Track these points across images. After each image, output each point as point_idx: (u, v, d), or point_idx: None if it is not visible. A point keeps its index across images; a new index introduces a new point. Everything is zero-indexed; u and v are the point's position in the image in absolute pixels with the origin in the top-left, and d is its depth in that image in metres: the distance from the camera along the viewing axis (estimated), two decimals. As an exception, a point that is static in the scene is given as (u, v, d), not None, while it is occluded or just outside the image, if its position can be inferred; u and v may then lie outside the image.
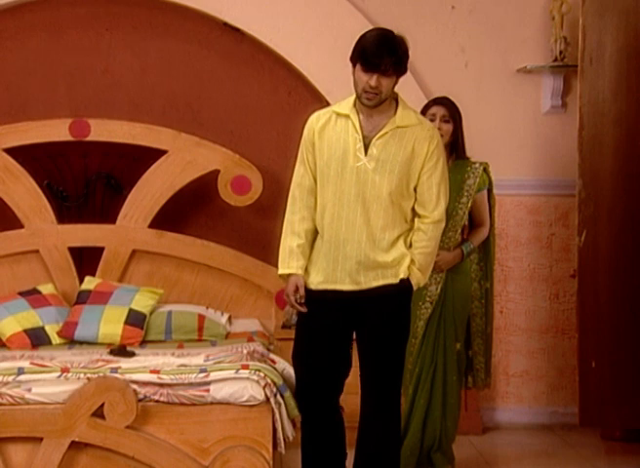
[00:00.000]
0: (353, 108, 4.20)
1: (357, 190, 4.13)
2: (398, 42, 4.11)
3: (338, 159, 4.16)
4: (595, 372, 5.72)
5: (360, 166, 4.14)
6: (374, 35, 4.13)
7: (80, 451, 4.27)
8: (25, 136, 5.96)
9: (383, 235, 4.16)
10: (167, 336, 5.62)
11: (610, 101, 5.71)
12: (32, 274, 5.96)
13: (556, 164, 6.37)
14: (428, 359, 5.06)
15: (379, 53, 4.03)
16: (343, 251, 4.16)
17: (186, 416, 4.29)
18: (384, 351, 4.25)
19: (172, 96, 6.30)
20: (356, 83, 4.12)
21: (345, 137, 4.17)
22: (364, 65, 4.05)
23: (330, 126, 4.21)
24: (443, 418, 5.08)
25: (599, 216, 5.72)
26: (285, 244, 4.30)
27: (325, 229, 4.21)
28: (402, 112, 4.19)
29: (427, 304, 5.05)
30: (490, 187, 5.22)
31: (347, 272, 4.18)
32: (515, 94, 6.38)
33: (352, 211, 4.14)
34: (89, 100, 6.23)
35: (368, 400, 4.31)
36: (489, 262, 5.26)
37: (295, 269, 4.25)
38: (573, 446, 5.98)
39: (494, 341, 5.46)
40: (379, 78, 4.05)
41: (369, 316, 4.23)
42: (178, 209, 6.10)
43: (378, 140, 4.15)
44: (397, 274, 4.20)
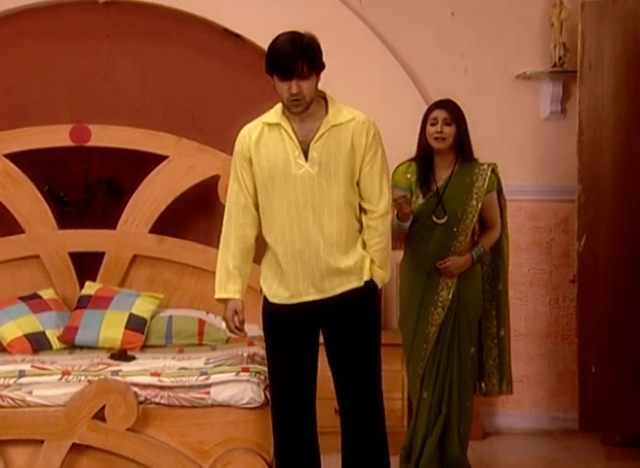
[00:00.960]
0: (283, 116, 4.10)
1: (305, 198, 4.05)
2: (307, 42, 4.01)
3: (279, 170, 4.06)
4: (595, 377, 5.73)
5: (303, 173, 4.05)
6: (281, 42, 4.02)
7: (81, 454, 4.28)
8: (26, 141, 5.97)
9: (340, 237, 4.08)
10: (167, 341, 5.62)
11: (609, 107, 5.74)
12: (33, 279, 5.96)
13: (556, 169, 6.38)
14: (443, 365, 5.04)
15: (290, 59, 3.94)
16: (302, 261, 4.07)
17: (187, 419, 4.30)
18: (359, 355, 4.15)
19: (172, 101, 6.32)
20: (279, 93, 4.04)
21: (282, 147, 4.08)
22: (279, 75, 3.99)
23: (263, 138, 4.12)
24: (459, 424, 5.08)
25: (599, 222, 5.75)
26: (221, 265, 4.21)
27: (278, 243, 4.11)
28: (333, 110, 4.11)
29: (439, 310, 5.03)
30: (499, 188, 5.20)
31: (310, 282, 4.09)
32: (515, 99, 6.41)
33: (303, 220, 4.05)
34: (89, 106, 6.25)
35: (348, 407, 4.19)
36: (502, 263, 5.21)
37: (232, 294, 4.17)
38: (573, 451, 5.98)
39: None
40: (297, 83, 3.96)
41: (338, 322, 4.14)
42: (178, 214, 6.10)
43: (316, 143, 4.06)
44: (361, 277, 4.12)
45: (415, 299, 5.08)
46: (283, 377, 4.14)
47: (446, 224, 5.02)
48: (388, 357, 5.69)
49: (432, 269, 5.04)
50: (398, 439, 5.71)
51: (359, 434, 4.18)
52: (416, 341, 5.07)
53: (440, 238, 5.03)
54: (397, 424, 5.80)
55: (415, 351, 5.08)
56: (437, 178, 5.08)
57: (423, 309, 5.05)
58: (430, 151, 5.08)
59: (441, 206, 5.03)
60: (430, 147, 5.07)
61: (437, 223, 5.03)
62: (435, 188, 5.06)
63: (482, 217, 5.12)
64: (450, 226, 5.02)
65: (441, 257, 5.02)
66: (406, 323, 5.14)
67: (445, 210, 5.02)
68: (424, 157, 5.10)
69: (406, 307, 5.14)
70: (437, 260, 5.02)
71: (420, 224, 5.05)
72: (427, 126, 5.08)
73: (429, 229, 5.04)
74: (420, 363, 5.07)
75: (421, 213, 5.04)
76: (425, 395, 5.06)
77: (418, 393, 5.09)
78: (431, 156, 5.10)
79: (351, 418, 4.17)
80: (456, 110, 5.11)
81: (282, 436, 4.16)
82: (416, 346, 5.07)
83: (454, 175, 5.07)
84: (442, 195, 5.03)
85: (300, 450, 4.17)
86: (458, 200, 5.03)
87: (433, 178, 5.08)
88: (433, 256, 5.03)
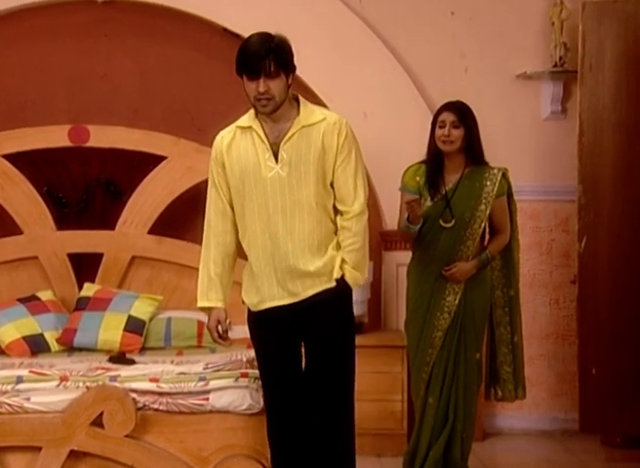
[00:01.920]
0: (255, 119, 4.09)
1: (275, 201, 4.02)
2: (276, 42, 3.98)
3: (249, 173, 4.04)
4: (595, 379, 5.71)
5: (273, 175, 4.02)
6: (249, 41, 4.02)
7: (79, 460, 4.25)
8: (24, 141, 5.95)
9: (312, 240, 4.04)
10: (166, 343, 5.62)
11: (610, 108, 5.71)
12: (31, 280, 5.94)
13: (556, 169, 6.36)
14: (450, 371, 5.00)
15: (257, 56, 3.93)
16: (273, 265, 4.04)
17: (186, 425, 4.28)
18: (330, 357, 4.09)
19: (171, 101, 6.29)
20: (247, 94, 4.02)
21: (253, 150, 4.05)
22: (247, 73, 3.97)
23: (235, 142, 4.10)
24: (462, 430, 5.05)
25: (599, 223, 5.72)
26: (203, 273, 4.20)
27: (251, 248, 4.09)
28: (305, 111, 4.08)
29: (446, 315, 4.99)
30: (510, 192, 5.14)
31: (282, 286, 4.06)
32: (515, 99, 6.38)
33: (273, 223, 4.02)
34: (88, 106, 6.22)
35: (319, 407, 4.11)
36: (512, 269, 5.15)
37: (215, 302, 4.16)
38: (573, 452, 5.96)
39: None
40: (265, 82, 3.94)
41: (310, 324, 4.09)
42: (177, 215, 6.07)
43: (285, 144, 4.02)
44: (331, 277, 4.07)
45: (421, 303, 5.05)
46: (270, 384, 4.13)
47: (453, 228, 4.98)
48: (388, 358, 5.78)
49: (439, 273, 5.00)
50: (398, 441, 5.77)
51: (326, 434, 4.11)
52: (421, 345, 5.04)
53: (448, 242, 4.99)
54: (397, 426, 5.82)
55: (419, 355, 5.05)
56: (446, 182, 5.04)
57: (430, 313, 5.00)
58: (440, 154, 5.03)
59: (449, 209, 4.98)
60: (439, 150, 5.02)
61: (444, 227, 4.99)
62: (444, 191, 5.01)
63: (491, 222, 5.06)
64: (457, 230, 4.98)
65: (448, 261, 4.98)
66: (411, 326, 5.11)
67: (453, 214, 4.97)
68: (434, 160, 5.05)
69: (412, 310, 5.11)
70: (444, 264, 4.98)
71: (428, 228, 5.00)
72: (436, 128, 5.03)
73: (437, 233, 5.00)
74: (424, 367, 5.03)
75: (429, 216, 5.00)
76: (431, 400, 5.02)
77: (422, 398, 5.05)
78: (441, 159, 5.04)
79: (321, 419, 4.11)
80: (465, 112, 5.05)
81: (275, 442, 4.14)
82: (420, 350, 5.04)
83: (463, 178, 5.03)
84: (450, 199, 4.99)
85: (293, 456, 4.13)
86: (466, 204, 4.98)
87: (442, 181, 5.04)
88: (440, 260, 4.99)
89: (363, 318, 6.02)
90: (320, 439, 4.11)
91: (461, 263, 4.96)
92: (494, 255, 5.06)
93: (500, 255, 5.13)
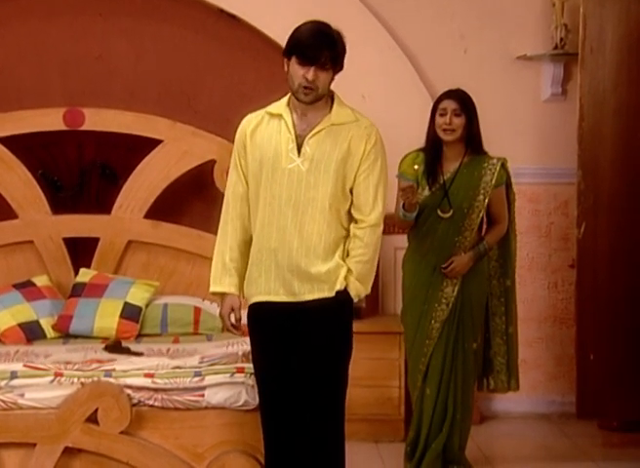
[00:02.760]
0: (287, 107, 3.98)
1: (289, 194, 3.91)
2: (336, 36, 3.89)
3: (269, 161, 3.93)
4: (593, 365, 5.70)
5: (293, 167, 3.91)
6: (310, 27, 3.90)
7: (74, 457, 4.23)
8: (19, 125, 5.88)
9: (319, 241, 3.93)
10: (163, 330, 5.59)
11: (610, 92, 5.66)
12: (27, 265, 5.90)
13: (556, 152, 6.30)
14: (448, 362, 4.98)
15: (316, 45, 3.82)
16: (275, 260, 3.94)
17: (181, 421, 4.25)
18: (323, 368, 3.98)
19: (167, 83, 6.22)
20: (291, 77, 3.89)
21: (277, 138, 3.95)
22: (300, 58, 3.84)
23: (262, 127, 4.01)
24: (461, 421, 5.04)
25: (599, 208, 5.68)
26: (217, 258, 4.07)
27: (257, 237, 3.99)
28: (338, 109, 3.97)
29: (443, 306, 4.95)
30: (509, 182, 5.09)
31: (281, 282, 3.95)
32: (515, 81, 6.31)
33: (283, 216, 3.92)
34: (83, 88, 6.15)
35: (309, 413, 4.02)
36: (509, 259, 5.11)
37: (227, 287, 4.03)
38: (570, 436, 5.96)
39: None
40: (316, 71, 3.83)
41: (306, 332, 3.97)
42: (173, 199, 6.04)
43: (311, 139, 3.92)
44: (333, 287, 3.95)
45: (418, 294, 5.01)
46: (263, 379, 4.06)
47: (451, 219, 4.93)
48: (386, 345, 5.76)
49: (437, 264, 4.96)
50: (395, 426, 5.78)
51: (315, 444, 4.03)
52: (418, 336, 5.01)
53: (445, 232, 4.94)
54: (394, 412, 5.81)
55: (416, 346, 5.02)
56: (445, 171, 4.98)
57: (427, 304, 4.97)
58: (438, 142, 4.97)
59: (447, 199, 4.94)
60: (439, 138, 4.96)
61: (442, 217, 4.94)
62: (442, 181, 4.97)
63: (488, 212, 5.01)
64: (455, 221, 4.94)
65: (446, 252, 4.94)
66: (408, 316, 5.09)
67: (450, 204, 4.93)
68: (432, 148, 4.99)
69: (408, 300, 5.08)
70: (442, 255, 4.94)
71: (425, 217, 4.96)
72: (436, 116, 4.96)
73: (434, 223, 4.96)
74: (421, 358, 5.00)
75: (427, 205, 4.95)
76: (429, 391, 5.00)
77: (419, 389, 5.04)
78: (439, 147, 4.99)
79: (310, 424, 4.02)
80: (466, 100, 4.99)
81: (269, 438, 4.07)
82: (417, 341, 5.01)
83: (462, 167, 4.97)
84: (448, 189, 4.94)
85: (287, 453, 4.06)
86: (464, 194, 4.93)
87: (441, 170, 4.98)
88: (438, 250, 4.95)
89: (361, 303, 5.97)
90: (310, 446, 4.05)
91: (458, 257, 4.92)
92: (491, 246, 5.02)
93: (497, 246, 5.09)
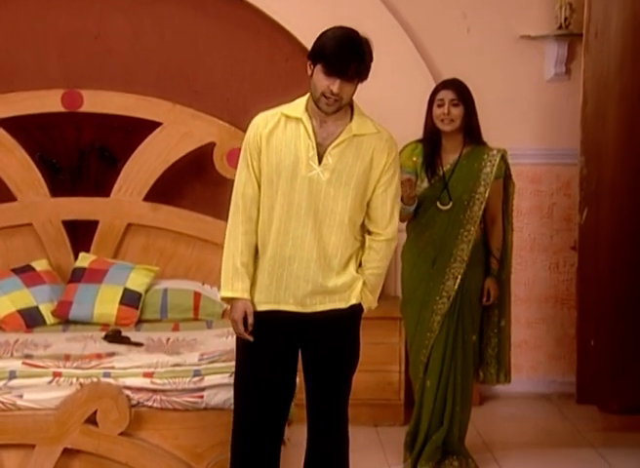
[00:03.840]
0: (305, 112, 3.85)
1: (309, 203, 3.81)
2: (364, 46, 3.78)
3: (288, 167, 3.81)
4: (594, 351, 5.69)
5: (313, 176, 3.80)
6: (339, 36, 3.75)
7: (73, 457, 4.24)
8: (17, 106, 5.83)
9: (336, 253, 3.86)
10: (162, 315, 5.58)
11: (614, 76, 5.60)
12: (26, 247, 5.88)
13: (559, 132, 6.25)
14: (449, 354, 4.97)
15: (345, 57, 3.71)
16: (289, 269, 3.85)
17: (180, 422, 4.25)
18: (331, 379, 3.99)
19: (166, 62, 6.15)
20: (315, 85, 3.77)
21: (297, 144, 3.82)
22: (327, 68, 3.71)
23: (279, 130, 3.86)
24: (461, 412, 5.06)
25: (601, 194, 5.65)
26: (228, 262, 3.93)
27: (270, 244, 3.87)
28: (358, 120, 3.88)
29: (444, 300, 4.94)
30: (508, 174, 5.05)
31: (292, 292, 3.87)
32: (518, 61, 6.24)
33: (302, 225, 3.82)
34: (81, 68, 6.07)
35: (314, 427, 4.04)
36: (505, 252, 5.09)
37: (240, 292, 3.90)
38: (570, 419, 5.98)
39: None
40: (342, 84, 3.73)
41: (315, 342, 3.95)
42: (173, 182, 5.99)
43: (334, 149, 3.82)
44: (347, 299, 3.91)
45: (419, 286, 5.00)
46: (253, 387, 3.95)
47: (451, 211, 4.90)
48: (386, 329, 5.76)
49: (437, 256, 4.94)
50: (395, 411, 5.81)
51: (322, 457, 4.05)
52: (419, 328, 5.01)
53: (445, 225, 4.91)
54: (394, 397, 5.82)
55: (417, 338, 5.02)
56: (444, 162, 4.94)
57: (427, 297, 4.96)
58: (437, 133, 4.92)
59: (447, 191, 4.90)
60: (437, 129, 4.91)
61: (441, 210, 4.91)
62: (441, 172, 4.92)
63: (486, 206, 4.96)
64: (455, 213, 4.90)
65: (446, 245, 4.91)
66: (408, 309, 5.08)
67: (450, 196, 4.89)
68: (431, 139, 4.94)
69: (408, 292, 5.07)
70: (442, 247, 4.92)
71: (424, 210, 4.93)
72: (434, 107, 4.90)
73: (433, 215, 4.93)
74: (423, 350, 5.00)
75: (426, 197, 4.92)
76: (429, 383, 5.01)
77: (420, 380, 5.05)
78: (438, 138, 4.94)
79: (318, 441, 4.04)
80: (463, 90, 4.93)
81: (241, 447, 4.01)
82: (418, 333, 5.01)
83: (461, 158, 4.93)
84: (448, 181, 4.90)
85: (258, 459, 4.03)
86: (464, 186, 4.90)
87: (440, 162, 4.94)
88: (438, 243, 4.93)
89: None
90: (316, 455, 4.07)
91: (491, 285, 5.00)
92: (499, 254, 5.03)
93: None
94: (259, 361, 3.95)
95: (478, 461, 5.18)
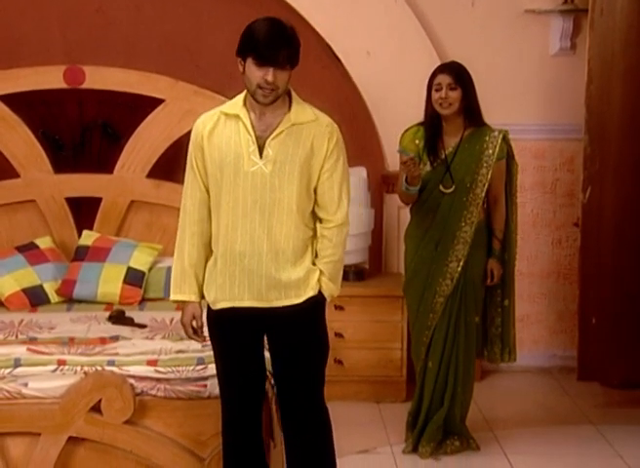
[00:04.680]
0: (243, 107, 3.84)
1: (254, 197, 3.80)
2: (291, 32, 3.75)
3: (229, 164, 3.80)
4: (595, 330, 5.72)
5: (255, 170, 3.80)
6: (265, 26, 3.75)
7: (78, 445, 4.25)
8: (19, 83, 5.81)
9: (288, 244, 3.84)
10: (166, 294, 5.52)
11: (620, 55, 5.58)
12: (30, 224, 5.89)
13: (563, 107, 6.22)
14: (451, 335, 5.00)
15: (275, 45, 3.68)
16: (241, 264, 3.83)
17: (184, 410, 4.26)
18: (299, 374, 3.95)
19: (168, 36, 6.11)
20: (248, 79, 3.75)
21: (237, 140, 3.82)
22: (258, 59, 3.70)
23: (219, 128, 3.86)
24: (462, 393, 5.10)
25: (605, 173, 5.65)
26: (177, 264, 3.96)
27: (220, 242, 3.86)
28: (297, 108, 3.84)
29: (448, 281, 4.96)
30: (510, 154, 5.05)
31: (246, 287, 3.85)
32: (523, 35, 6.20)
33: (250, 220, 3.81)
34: (82, 42, 6.04)
35: (289, 427, 4.03)
36: (509, 233, 5.10)
37: (188, 295, 3.94)
38: (571, 395, 6.02)
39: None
40: (275, 72, 3.69)
41: (278, 338, 3.95)
42: (176, 159, 5.91)
43: (273, 140, 3.80)
44: (303, 293, 3.88)
45: (421, 268, 5.02)
46: (228, 384, 3.99)
47: (454, 194, 4.91)
48: (388, 308, 5.79)
49: (440, 239, 4.95)
50: (397, 387, 5.86)
51: (304, 453, 4.04)
52: (421, 309, 5.03)
53: (448, 207, 4.92)
54: (396, 374, 5.85)
55: (420, 319, 5.05)
56: (445, 145, 4.94)
57: (431, 279, 4.98)
58: (437, 117, 4.92)
59: (449, 175, 4.90)
60: (437, 113, 4.91)
61: (444, 193, 4.91)
62: (443, 156, 4.92)
63: (488, 187, 4.97)
64: (459, 196, 4.91)
65: (450, 227, 4.93)
66: (411, 290, 5.10)
67: (453, 179, 4.89)
68: (431, 123, 4.94)
69: (411, 274, 5.09)
70: (446, 229, 4.94)
71: (428, 193, 4.94)
72: (432, 92, 4.90)
73: (437, 198, 4.94)
74: (425, 331, 5.04)
75: (429, 181, 4.93)
76: (431, 364, 5.05)
77: (422, 361, 5.08)
78: (439, 122, 4.94)
79: (295, 437, 4.04)
80: (461, 73, 4.92)
81: (229, 438, 4.06)
82: (421, 314, 5.04)
83: (463, 141, 4.93)
84: (450, 164, 4.90)
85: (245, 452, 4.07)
86: (467, 168, 4.90)
87: (442, 146, 4.94)
88: (441, 226, 4.94)
89: (364, 264, 6.00)
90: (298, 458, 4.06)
91: (494, 266, 5.02)
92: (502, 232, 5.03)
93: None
94: (226, 356, 3.97)
95: (479, 440, 5.23)
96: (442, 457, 5.11)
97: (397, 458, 5.10)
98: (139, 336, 4.80)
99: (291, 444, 4.06)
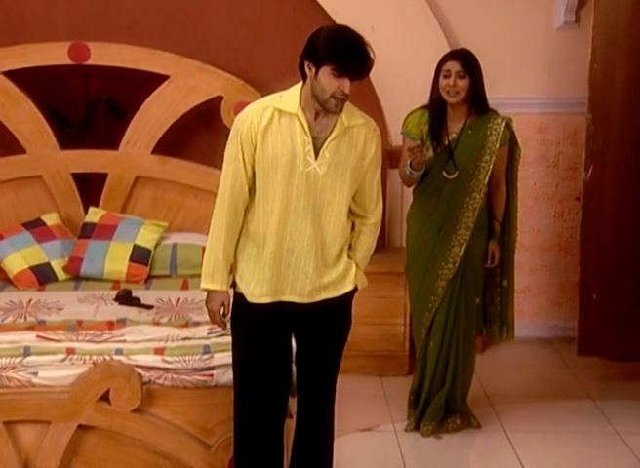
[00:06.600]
0: (299, 107, 3.84)
1: (307, 197, 3.87)
2: (367, 43, 3.74)
3: (285, 163, 3.84)
4: (596, 305, 5.78)
5: (310, 170, 3.85)
6: (343, 36, 3.73)
7: (87, 433, 4.36)
8: (24, 59, 5.82)
9: (333, 243, 3.95)
10: (172, 271, 5.67)
11: (624, 34, 5.54)
12: (36, 199, 5.95)
13: (567, 81, 6.24)
14: (452, 317, 5.08)
15: (358, 58, 3.69)
16: (287, 261, 3.92)
17: (191, 399, 4.35)
18: (327, 359, 4.13)
19: (173, 10, 6.11)
20: (322, 87, 3.73)
21: (293, 139, 3.84)
22: (339, 71, 3.68)
23: (274, 125, 3.85)
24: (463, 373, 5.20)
25: (607, 152, 5.65)
26: (210, 252, 4.01)
27: (270, 238, 3.91)
28: (347, 111, 3.87)
29: (450, 265, 5.02)
30: (514, 139, 5.06)
31: (289, 283, 3.95)
32: (527, 8, 6.20)
33: (301, 219, 3.88)
34: (87, 18, 6.05)
35: (305, 405, 4.17)
36: (509, 215, 5.15)
37: (220, 285, 4.00)
38: (570, 368, 6.11)
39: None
40: (352, 84, 3.73)
41: (310, 325, 4.05)
42: (180, 135, 6.01)
43: (330, 143, 3.85)
44: (342, 287, 4.02)
45: (423, 251, 5.08)
46: (255, 373, 4.04)
47: (457, 180, 4.94)
48: (391, 284, 5.86)
49: (443, 223, 5.00)
50: (399, 362, 5.96)
51: (312, 435, 4.21)
52: (422, 291, 5.10)
53: (451, 193, 4.96)
54: (399, 348, 5.96)
55: (421, 301, 5.13)
56: (449, 131, 4.96)
57: (433, 262, 5.04)
58: (442, 103, 4.93)
59: (452, 161, 4.93)
60: (443, 99, 4.92)
61: (447, 179, 4.95)
62: (447, 142, 4.95)
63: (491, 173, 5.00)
64: (462, 182, 4.94)
65: (453, 212, 4.98)
66: (412, 272, 5.17)
67: (456, 165, 4.93)
68: (436, 109, 4.95)
69: (412, 257, 5.15)
70: (449, 214, 4.98)
71: (431, 179, 4.98)
72: (440, 78, 4.90)
73: (440, 184, 4.97)
74: (426, 313, 5.11)
75: (432, 167, 4.96)
76: (432, 345, 5.13)
77: (423, 341, 5.17)
78: (443, 108, 4.95)
79: (308, 419, 4.19)
80: (470, 61, 4.90)
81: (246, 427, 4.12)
82: (422, 296, 5.11)
83: (466, 128, 4.94)
84: (453, 150, 4.93)
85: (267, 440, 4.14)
86: (470, 155, 4.92)
87: (445, 132, 4.95)
88: (444, 211, 4.99)
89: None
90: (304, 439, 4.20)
91: (493, 247, 5.09)
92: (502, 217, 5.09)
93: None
94: (255, 346, 4.03)
95: (479, 416, 5.33)
96: (443, 435, 5.22)
97: (399, 436, 5.20)
98: (145, 319, 4.87)
99: (302, 418, 4.18)
